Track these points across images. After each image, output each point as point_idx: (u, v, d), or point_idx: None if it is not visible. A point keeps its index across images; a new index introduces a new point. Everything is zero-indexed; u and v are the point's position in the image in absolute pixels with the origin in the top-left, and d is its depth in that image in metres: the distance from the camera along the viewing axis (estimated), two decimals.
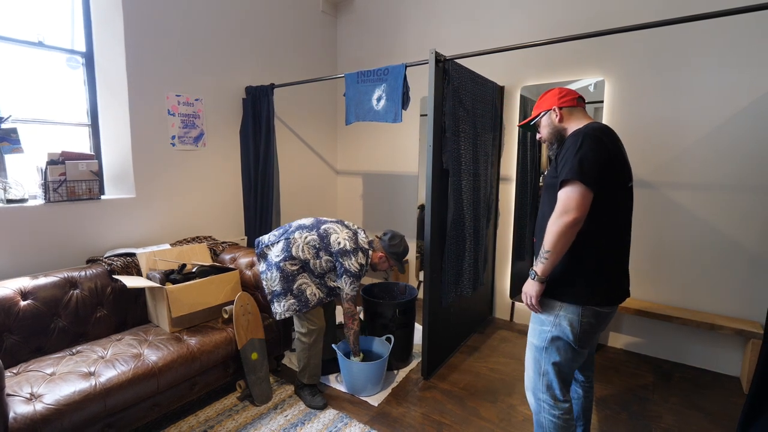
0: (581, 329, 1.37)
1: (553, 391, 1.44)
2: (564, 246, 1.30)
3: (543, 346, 1.44)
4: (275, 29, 3.36)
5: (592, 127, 1.34)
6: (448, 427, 2.02)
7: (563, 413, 1.43)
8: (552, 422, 1.44)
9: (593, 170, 1.26)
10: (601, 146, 1.29)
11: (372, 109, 2.50)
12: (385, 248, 2.23)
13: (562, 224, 1.27)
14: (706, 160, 2.47)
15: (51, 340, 1.91)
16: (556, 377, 1.43)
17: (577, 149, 1.28)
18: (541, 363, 1.45)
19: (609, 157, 1.30)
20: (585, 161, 1.26)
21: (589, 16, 2.73)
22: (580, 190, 1.26)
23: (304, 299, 2.10)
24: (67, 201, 2.25)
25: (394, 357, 2.49)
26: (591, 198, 1.27)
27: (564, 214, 1.27)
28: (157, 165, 2.65)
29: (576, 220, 1.26)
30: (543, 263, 1.34)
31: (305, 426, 1.99)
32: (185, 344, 1.97)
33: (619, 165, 1.34)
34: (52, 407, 1.50)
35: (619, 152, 1.36)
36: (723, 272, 2.48)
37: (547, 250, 1.32)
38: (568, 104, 1.47)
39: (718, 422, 2.08)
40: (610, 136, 1.35)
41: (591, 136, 1.30)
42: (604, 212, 1.32)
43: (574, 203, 1.26)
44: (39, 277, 1.97)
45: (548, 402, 1.45)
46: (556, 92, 1.51)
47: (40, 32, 2.34)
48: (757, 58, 2.29)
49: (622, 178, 1.36)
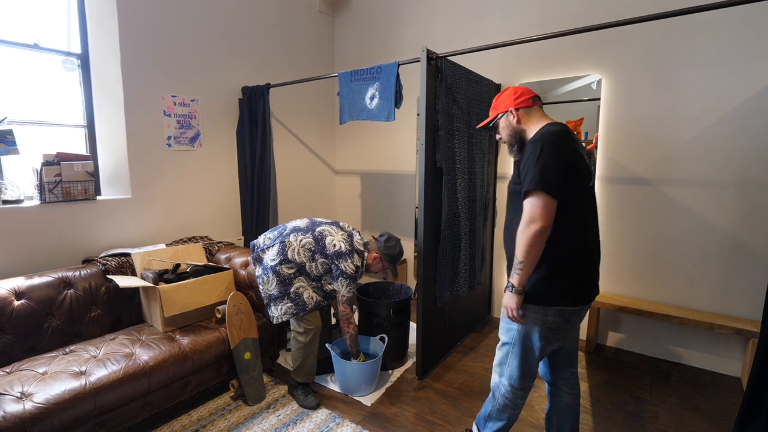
0: (547, 327, 1.43)
1: (513, 380, 1.53)
2: (536, 255, 1.33)
3: (511, 342, 1.51)
4: (272, 29, 3.37)
5: (549, 133, 1.35)
6: (440, 427, 2.00)
7: (516, 398, 1.54)
8: (504, 401, 1.55)
9: (554, 178, 1.29)
10: (560, 152, 1.31)
11: (365, 108, 2.49)
12: (381, 249, 2.21)
13: (530, 234, 1.30)
14: (704, 157, 2.43)
15: (45, 339, 1.93)
16: (519, 369, 1.51)
17: (537, 158, 1.31)
18: (507, 355, 1.53)
19: (568, 161, 1.32)
20: (546, 170, 1.29)
21: (586, 13, 2.70)
22: (544, 200, 1.29)
23: (301, 303, 2.09)
24: (62, 202, 2.27)
25: (389, 356, 2.48)
26: (555, 205, 1.31)
27: (531, 223, 1.30)
28: (153, 165, 2.66)
29: (543, 229, 1.30)
30: (518, 274, 1.37)
31: (297, 426, 1.99)
32: (177, 344, 1.98)
33: (578, 167, 1.36)
34: (42, 406, 1.51)
35: (576, 153, 1.37)
36: (723, 271, 2.45)
37: (521, 260, 1.35)
38: (524, 105, 1.49)
39: (716, 423, 2.04)
40: (567, 139, 1.36)
41: (549, 142, 1.32)
42: (567, 215, 1.35)
43: (540, 212, 1.29)
44: (33, 277, 1.99)
45: (505, 386, 1.55)
46: (512, 93, 1.52)
47: (35, 35, 2.36)
48: (754, 54, 2.25)
49: (582, 179, 1.38)
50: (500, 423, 1.59)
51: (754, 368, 1.55)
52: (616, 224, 2.74)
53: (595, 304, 2.70)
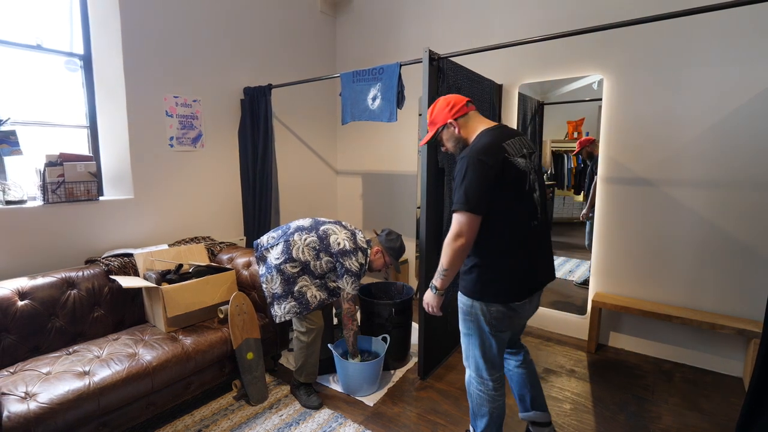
0: (492, 318, 1.52)
1: (480, 371, 1.61)
2: (458, 264, 1.48)
3: (468, 333, 1.61)
4: (273, 29, 3.37)
5: (476, 150, 1.44)
6: (443, 427, 2.01)
7: (489, 389, 1.61)
8: (478, 395, 1.63)
9: (477, 198, 1.40)
10: (484, 170, 1.39)
11: (368, 109, 2.50)
12: (382, 243, 2.23)
13: (455, 248, 1.44)
14: (705, 157, 2.44)
15: (48, 339, 1.94)
16: (482, 359, 1.59)
17: (462, 179, 1.42)
18: (468, 347, 1.62)
19: (493, 175, 1.40)
20: (469, 191, 1.40)
21: (588, 13, 2.71)
22: (468, 218, 1.41)
23: (304, 302, 2.10)
24: (65, 202, 2.28)
25: (391, 357, 2.48)
26: (479, 221, 1.43)
27: (457, 238, 1.43)
28: (155, 166, 2.67)
29: (466, 244, 1.43)
30: (442, 278, 1.52)
31: (300, 425, 2.00)
32: (180, 344, 1.98)
33: (509, 172, 1.42)
34: (46, 406, 1.51)
35: (506, 162, 1.42)
36: (724, 271, 2.45)
37: (445, 268, 1.49)
38: (461, 113, 1.57)
39: (718, 423, 2.05)
40: (495, 150, 1.42)
41: (473, 161, 1.41)
42: (500, 221, 1.45)
43: (465, 230, 1.42)
44: (37, 278, 2.00)
45: (476, 379, 1.63)
46: (445, 105, 1.59)
47: (38, 35, 2.37)
48: (756, 54, 2.25)
49: (515, 186, 1.45)
50: (484, 419, 1.64)
51: (756, 369, 1.55)
52: (618, 224, 2.74)
53: (597, 304, 2.70)
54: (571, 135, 3.00)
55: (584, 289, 2.99)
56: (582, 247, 3.02)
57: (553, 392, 2.30)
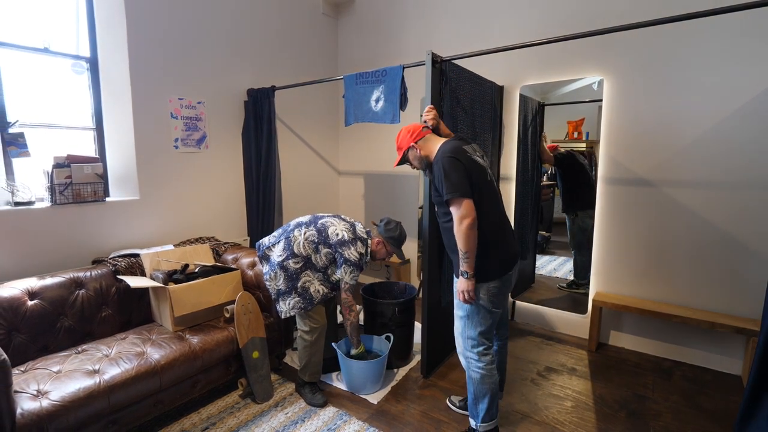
0: (491, 295, 1.74)
1: (477, 348, 1.79)
2: (474, 242, 1.64)
3: (466, 315, 1.79)
4: (276, 32, 3.40)
5: (444, 152, 1.72)
6: (446, 425, 2.04)
7: (486, 364, 1.78)
8: (479, 374, 1.78)
9: (462, 183, 1.65)
10: (456, 164, 1.67)
11: (370, 110, 2.53)
12: (382, 233, 2.23)
13: (465, 228, 1.62)
14: (705, 157, 2.46)
15: (57, 338, 1.97)
16: (478, 336, 1.78)
17: (445, 174, 1.66)
18: (466, 329, 1.80)
19: (465, 167, 1.68)
20: (454, 181, 1.65)
21: (589, 15, 2.73)
22: (463, 201, 1.64)
23: (308, 297, 2.14)
24: (72, 203, 2.31)
25: (395, 355, 2.51)
26: (472, 203, 1.64)
27: (463, 219, 1.63)
28: (160, 167, 2.70)
29: (473, 221, 1.63)
30: (467, 262, 1.67)
31: (305, 423, 2.03)
32: (187, 343, 2.01)
33: (473, 169, 1.70)
34: (58, 404, 1.54)
35: (470, 160, 1.72)
36: (723, 270, 2.47)
37: (465, 251, 1.65)
38: (420, 137, 1.87)
39: (718, 420, 2.08)
40: (459, 151, 1.72)
41: (447, 160, 1.68)
42: (477, 207, 1.67)
43: (465, 210, 1.63)
44: (46, 278, 2.03)
45: (474, 358, 1.79)
46: (406, 134, 1.89)
47: (45, 39, 2.40)
48: (756, 56, 2.28)
49: (480, 177, 1.72)
50: (485, 399, 1.80)
51: (754, 367, 1.58)
52: (619, 224, 2.77)
53: (597, 303, 2.73)
54: (572, 135, 3.03)
55: (572, 291, 3.15)
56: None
57: (555, 390, 2.33)
